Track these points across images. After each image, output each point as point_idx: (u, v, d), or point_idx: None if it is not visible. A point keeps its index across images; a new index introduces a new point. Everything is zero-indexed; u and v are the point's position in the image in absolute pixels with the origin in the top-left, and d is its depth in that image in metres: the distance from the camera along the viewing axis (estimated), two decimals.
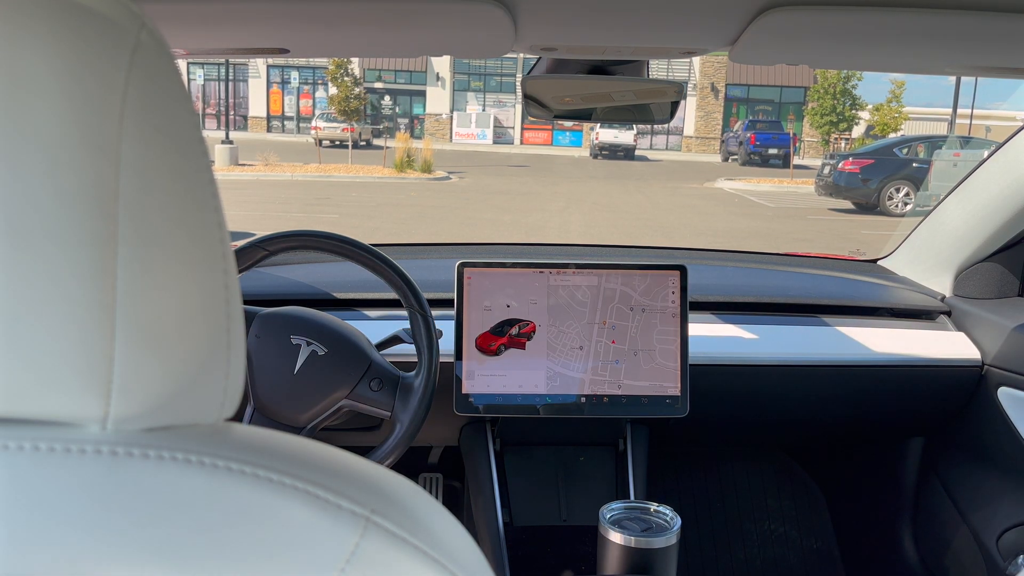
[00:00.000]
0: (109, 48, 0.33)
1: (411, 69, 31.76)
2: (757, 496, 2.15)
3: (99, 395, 0.34)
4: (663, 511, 1.20)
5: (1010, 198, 1.63)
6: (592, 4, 0.92)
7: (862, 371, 1.68)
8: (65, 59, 0.32)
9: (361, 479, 0.39)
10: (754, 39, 0.98)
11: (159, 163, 0.34)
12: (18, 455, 0.34)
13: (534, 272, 1.48)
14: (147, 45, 0.34)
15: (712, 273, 1.91)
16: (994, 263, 1.78)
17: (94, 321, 0.33)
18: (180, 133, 0.35)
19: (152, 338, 0.34)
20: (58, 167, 0.32)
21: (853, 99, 26.73)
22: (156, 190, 0.34)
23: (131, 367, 0.34)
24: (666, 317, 1.49)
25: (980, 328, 1.71)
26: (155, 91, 0.34)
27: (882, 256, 2.09)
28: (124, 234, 0.33)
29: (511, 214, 11.95)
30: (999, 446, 1.64)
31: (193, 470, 0.35)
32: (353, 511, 0.37)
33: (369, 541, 0.37)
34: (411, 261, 1.65)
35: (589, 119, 1.39)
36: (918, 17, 0.89)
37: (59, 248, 0.32)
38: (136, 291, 0.33)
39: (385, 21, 0.99)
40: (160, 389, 0.35)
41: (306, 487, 0.37)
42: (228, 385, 0.38)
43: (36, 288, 0.32)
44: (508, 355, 1.46)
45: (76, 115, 0.32)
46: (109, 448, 0.35)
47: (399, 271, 1.32)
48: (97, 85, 0.32)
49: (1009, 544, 1.59)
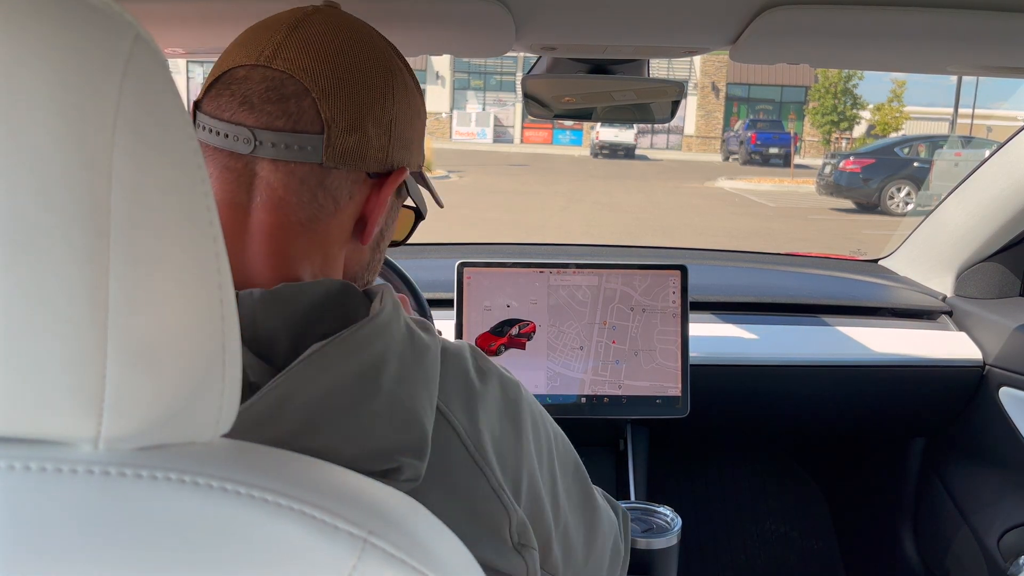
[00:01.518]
0: (101, 58, 0.32)
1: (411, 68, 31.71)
2: (758, 497, 2.15)
3: (91, 414, 0.33)
4: (664, 512, 1.20)
5: (1011, 198, 1.63)
6: (593, 3, 0.92)
7: (863, 371, 1.67)
8: (56, 70, 0.31)
9: (358, 499, 0.39)
10: (754, 38, 0.98)
11: (152, 176, 0.33)
12: (9, 475, 0.33)
13: (534, 272, 1.48)
14: (141, 55, 0.33)
15: (713, 273, 1.91)
16: (995, 263, 1.77)
17: (85, 339, 0.32)
18: (174, 145, 0.34)
19: (145, 356, 0.34)
20: (48, 182, 0.31)
21: (854, 98, 26.72)
22: (149, 204, 0.33)
23: (123, 385, 0.33)
24: (667, 317, 1.49)
25: (981, 328, 1.70)
26: (148, 102, 0.33)
27: (883, 256, 2.09)
28: (116, 250, 0.32)
29: (511, 213, 11.95)
30: (1000, 446, 1.64)
31: (187, 490, 0.35)
32: (350, 532, 0.36)
33: (367, 563, 0.36)
34: (411, 261, 1.64)
35: (589, 118, 1.39)
36: (918, 16, 0.89)
37: (49, 264, 0.31)
38: (129, 308, 0.33)
39: (385, 20, 0.98)
40: (153, 408, 0.34)
41: (302, 508, 0.36)
42: (224, 403, 0.37)
43: (26, 305, 0.32)
44: (508, 355, 1.46)
45: (67, 128, 0.31)
46: (101, 468, 0.34)
47: (397, 270, 1.31)
48: (89, 97, 0.32)
49: (1010, 545, 1.58)
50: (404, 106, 0.64)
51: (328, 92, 0.58)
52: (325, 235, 0.61)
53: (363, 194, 0.62)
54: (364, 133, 0.60)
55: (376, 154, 0.61)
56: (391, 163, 0.63)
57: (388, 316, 0.56)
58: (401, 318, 0.57)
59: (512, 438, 0.62)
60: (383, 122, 0.61)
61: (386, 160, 0.62)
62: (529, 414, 0.66)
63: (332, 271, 0.63)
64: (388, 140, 0.62)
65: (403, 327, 0.57)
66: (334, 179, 0.60)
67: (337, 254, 0.63)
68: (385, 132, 0.61)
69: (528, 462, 0.63)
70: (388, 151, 0.62)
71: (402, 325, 0.57)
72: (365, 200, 0.63)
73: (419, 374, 0.56)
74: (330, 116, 0.58)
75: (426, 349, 0.57)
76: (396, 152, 0.63)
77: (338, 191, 0.60)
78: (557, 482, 0.67)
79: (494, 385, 0.63)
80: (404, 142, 0.64)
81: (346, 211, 0.61)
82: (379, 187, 0.63)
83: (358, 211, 0.63)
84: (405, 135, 0.64)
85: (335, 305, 0.56)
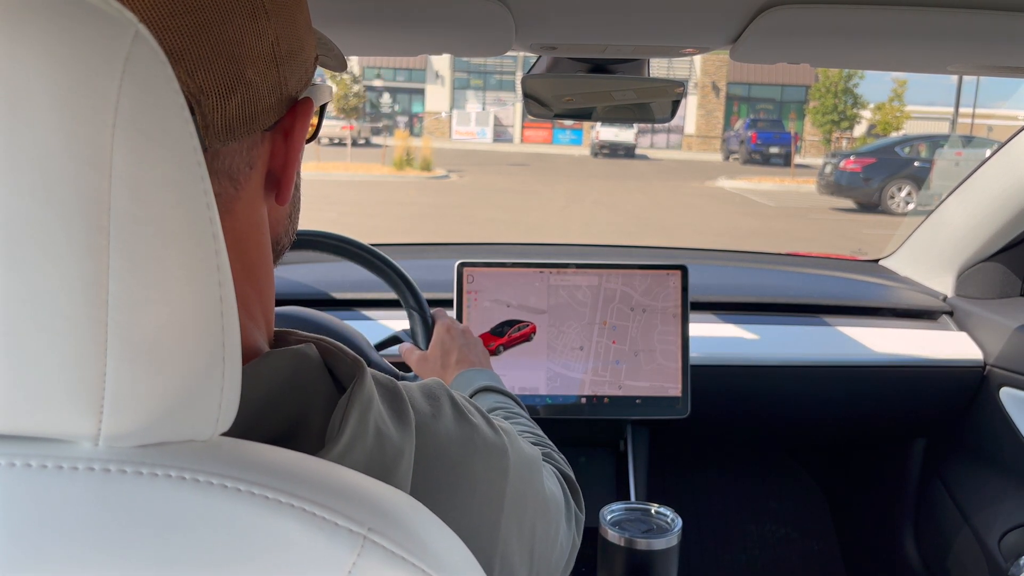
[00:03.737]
0: (101, 57, 0.32)
1: (410, 67, 31.77)
2: (759, 497, 2.15)
3: (91, 411, 0.33)
4: (664, 512, 1.20)
5: (1012, 198, 1.63)
6: (593, 3, 0.91)
7: (864, 371, 1.67)
8: (55, 68, 0.31)
9: (358, 496, 0.39)
10: (755, 38, 0.98)
11: (152, 174, 0.33)
12: (9, 472, 0.34)
13: (534, 272, 1.48)
14: (140, 53, 0.33)
15: (713, 273, 1.91)
16: (996, 263, 1.77)
17: (85, 336, 0.32)
18: (174, 143, 0.34)
19: (145, 353, 0.34)
20: (48, 179, 0.31)
21: (855, 98, 26.70)
22: (149, 202, 0.33)
23: (123, 383, 0.33)
24: (667, 317, 1.48)
25: (982, 328, 1.70)
26: (148, 100, 0.33)
27: (884, 256, 2.08)
28: (116, 247, 0.32)
29: (511, 213, 11.95)
30: (1001, 447, 1.63)
31: (186, 487, 0.35)
32: (350, 529, 0.36)
33: (366, 560, 0.36)
34: (411, 261, 1.64)
35: (590, 118, 1.38)
36: (919, 15, 0.89)
37: (49, 261, 0.32)
38: (129, 305, 0.33)
39: (386, 20, 0.98)
40: (153, 405, 0.34)
41: (302, 505, 0.36)
42: (223, 400, 0.37)
43: (27, 303, 0.32)
44: (508, 355, 1.46)
45: (66, 126, 0.31)
46: (101, 465, 0.34)
47: (397, 270, 1.31)
48: (88, 95, 0.32)
49: (1011, 545, 1.58)
50: (279, 6, 0.47)
51: (183, 52, 0.42)
52: (231, 230, 0.47)
53: (266, 151, 0.49)
54: (246, 85, 0.45)
55: (268, 101, 0.47)
56: (290, 98, 0.49)
57: (353, 433, 0.46)
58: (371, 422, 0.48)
59: (490, 526, 0.56)
60: (264, 54, 0.46)
61: (281, 99, 0.48)
62: (512, 492, 0.58)
63: (256, 280, 0.51)
64: (277, 73, 0.47)
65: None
66: (224, 158, 0.46)
67: (257, 244, 0.51)
68: (271, 65, 0.46)
69: (503, 546, 0.57)
70: (281, 87, 0.47)
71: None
72: (270, 156, 0.50)
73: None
74: (196, 87, 0.43)
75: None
76: (291, 81, 0.48)
77: (234, 168, 0.47)
78: (535, 549, 0.63)
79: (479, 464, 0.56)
80: (296, 59, 0.49)
81: (251, 182, 0.49)
82: (284, 134, 0.50)
83: (264, 172, 0.50)
84: (294, 50, 0.48)
85: (287, 402, 0.46)
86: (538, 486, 0.65)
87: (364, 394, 0.48)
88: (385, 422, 0.49)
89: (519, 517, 0.59)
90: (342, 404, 0.47)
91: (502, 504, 0.57)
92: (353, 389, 0.48)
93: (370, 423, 0.48)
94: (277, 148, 0.50)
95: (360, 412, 0.47)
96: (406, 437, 0.50)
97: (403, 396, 0.53)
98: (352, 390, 0.48)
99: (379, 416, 0.49)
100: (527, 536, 0.61)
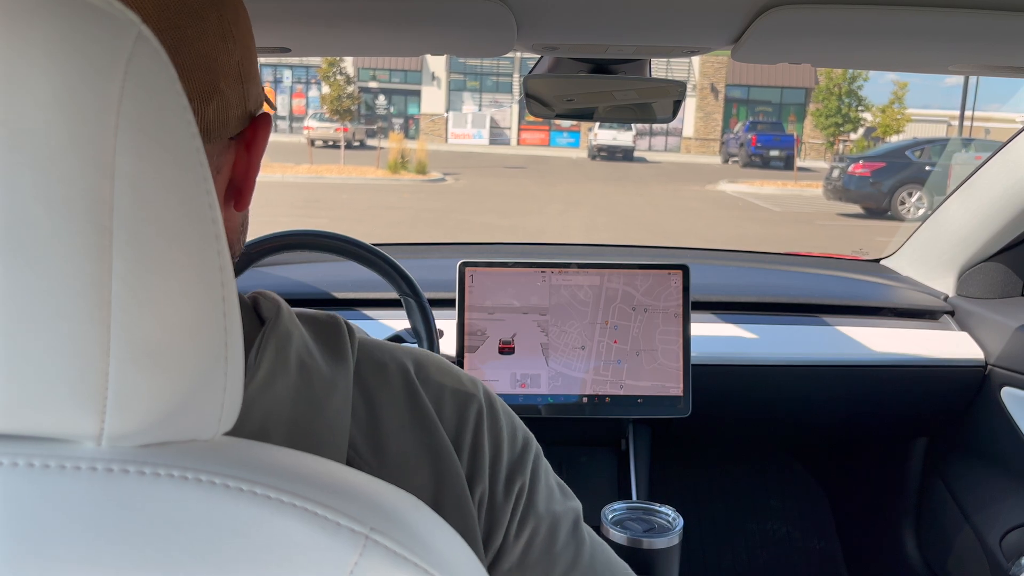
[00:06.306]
0: (103, 57, 0.32)
1: (406, 68, 31.66)
2: (760, 496, 2.15)
3: (93, 411, 0.33)
4: (665, 511, 1.20)
5: (1013, 198, 1.63)
6: (594, 3, 0.92)
7: (865, 371, 1.67)
8: (58, 69, 0.31)
9: (361, 496, 0.39)
10: (757, 38, 0.98)
11: (154, 175, 0.33)
12: (11, 472, 0.34)
13: (536, 272, 1.48)
14: (143, 54, 0.33)
15: (714, 273, 1.91)
16: (997, 263, 1.78)
17: (88, 336, 0.32)
18: (177, 144, 0.34)
19: (148, 353, 0.34)
20: (51, 179, 0.31)
21: (859, 100, 26.65)
22: (151, 202, 0.33)
23: (126, 383, 0.33)
24: (668, 317, 1.49)
25: (983, 328, 1.70)
26: (151, 101, 0.33)
27: (885, 256, 2.09)
28: (119, 247, 0.32)
29: (508, 217, 11.90)
30: (1002, 446, 1.64)
31: (189, 487, 0.35)
32: (352, 529, 0.36)
33: (368, 559, 0.36)
34: (412, 261, 1.64)
35: (591, 118, 1.39)
36: (920, 16, 0.89)
37: (52, 261, 0.32)
38: (131, 305, 0.33)
39: (387, 19, 0.98)
40: (156, 405, 0.34)
41: (304, 504, 0.36)
42: (226, 400, 0.37)
43: (29, 302, 0.32)
44: (508, 356, 1.46)
45: (69, 126, 0.31)
46: (104, 465, 0.34)
47: (400, 272, 1.31)
48: (91, 96, 0.32)
49: (1012, 545, 1.58)
50: (243, 32, 0.52)
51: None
52: None
53: (230, 159, 0.53)
54: (220, 94, 0.49)
55: (235, 112, 0.51)
56: (250, 113, 0.53)
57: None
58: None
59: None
60: (232, 71, 0.51)
61: (245, 112, 0.53)
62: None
63: None
64: (242, 88, 0.52)
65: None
66: None
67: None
68: (237, 80, 0.51)
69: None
70: (245, 101, 0.52)
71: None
72: (232, 166, 0.53)
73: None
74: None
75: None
76: (251, 98, 0.53)
77: None
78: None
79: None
80: (254, 80, 0.54)
81: (216, 187, 0.51)
82: (247, 145, 0.53)
83: (227, 179, 0.53)
84: (252, 73, 0.54)
85: None
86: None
87: (280, 329, 0.51)
88: (312, 356, 0.52)
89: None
90: (257, 341, 0.50)
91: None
92: (268, 326, 0.51)
93: (291, 357, 0.50)
94: (240, 157, 0.54)
95: (277, 346, 0.50)
96: (340, 371, 0.53)
97: (341, 331, 0.55)
98: (267, 326, 0.51)
99: (303, 350, 0.52)
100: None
